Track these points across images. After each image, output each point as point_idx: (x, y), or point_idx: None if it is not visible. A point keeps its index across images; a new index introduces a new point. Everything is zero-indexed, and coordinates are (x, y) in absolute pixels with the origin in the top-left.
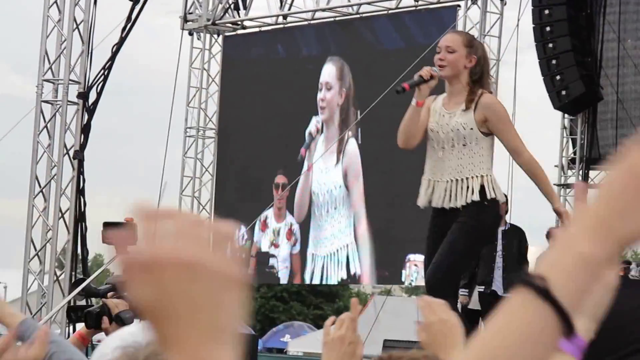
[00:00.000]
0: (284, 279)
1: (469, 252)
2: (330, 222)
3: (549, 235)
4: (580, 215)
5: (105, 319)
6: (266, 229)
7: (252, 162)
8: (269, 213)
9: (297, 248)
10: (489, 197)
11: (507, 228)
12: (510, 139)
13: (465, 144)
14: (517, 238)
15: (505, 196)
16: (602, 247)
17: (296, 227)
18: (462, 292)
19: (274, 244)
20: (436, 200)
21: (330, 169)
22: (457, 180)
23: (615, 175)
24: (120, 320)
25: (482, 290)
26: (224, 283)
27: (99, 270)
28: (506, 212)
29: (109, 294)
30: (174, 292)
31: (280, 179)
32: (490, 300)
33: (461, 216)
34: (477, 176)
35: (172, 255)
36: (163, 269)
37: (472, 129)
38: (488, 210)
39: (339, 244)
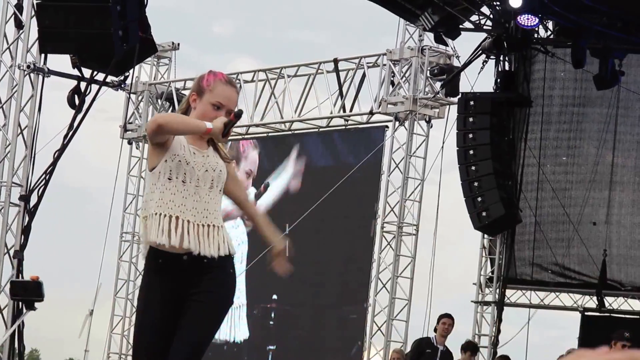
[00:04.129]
0: None
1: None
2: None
3: (464, 347)
4: None
5: None
6: None
7: None
8: None
9: None
10: (232, 251)
11: (444, 349)
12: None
13: (222, 189)
14: None
15: (452, 317)
16: None
17: None
18: None
19: None
20: (189, 243)
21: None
22: (212, 226)
23: None
24: None
25: None
26: None
27: None
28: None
29: None
30: None
31: None
32: None
33: (208, 277)
34: (222, 227)
35: None
36: None
37: (222, 172)
38: (233, 268)
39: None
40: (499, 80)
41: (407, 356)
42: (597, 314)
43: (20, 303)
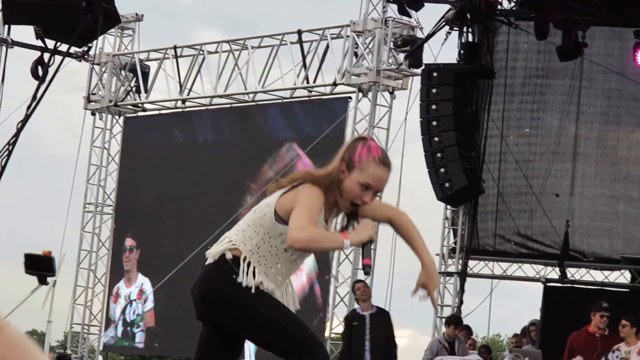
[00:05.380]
0: (139, 341)
1: None
2: None
3: (448, 322)
4: None
5: None
6: (118, 299)
7: (147, 238)
8: (121, 283)
9: (148, 306)
10: None
11: (373, 312)
12: None
13: None
14: (382, 322)
15: (363, 281)
16: None
17: (147, 286)
18: None
19: (132, 311)
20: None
21: None
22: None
23: None
24: None
25: None
26: None
27: None
28: (370, 296)
29: None
30: None
31: (129, 242)
32: None
33: None
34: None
35: None
36: None
37: None
38: None
39: None
40: (462, 51)
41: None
42: (559, 284)
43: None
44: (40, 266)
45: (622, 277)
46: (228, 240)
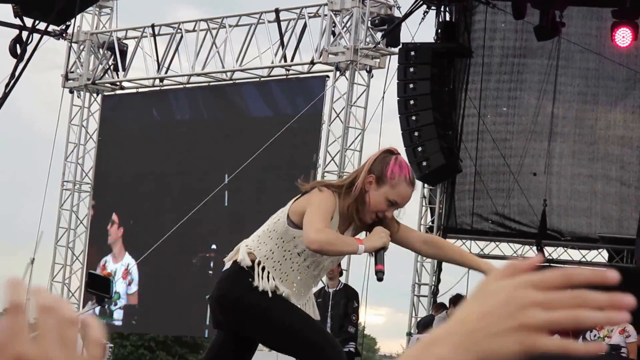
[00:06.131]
0: (117, 319)
1: None
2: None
3: (454, 302)
4: (451, 320)
5: None
6: (104, 272)
7: (126, 216)
8: (108, 257)
9: (133, 288)
10: None
11: (338, 289)
12: None
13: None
14: (344, 298)
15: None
16: (462, 357)
17: (134, 268)
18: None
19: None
20: None
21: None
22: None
23: (493, 292)
24: None
25: None
26: None
27: None
28: (340, 273)
29: None
30: None
31: (114, 217)
32: None
33: None
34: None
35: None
36: None
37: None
38: None
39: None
40: (439, 30)
41: None
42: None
43: None
44: (100, 287)
45: (600, 256)
46: (245, 245)
